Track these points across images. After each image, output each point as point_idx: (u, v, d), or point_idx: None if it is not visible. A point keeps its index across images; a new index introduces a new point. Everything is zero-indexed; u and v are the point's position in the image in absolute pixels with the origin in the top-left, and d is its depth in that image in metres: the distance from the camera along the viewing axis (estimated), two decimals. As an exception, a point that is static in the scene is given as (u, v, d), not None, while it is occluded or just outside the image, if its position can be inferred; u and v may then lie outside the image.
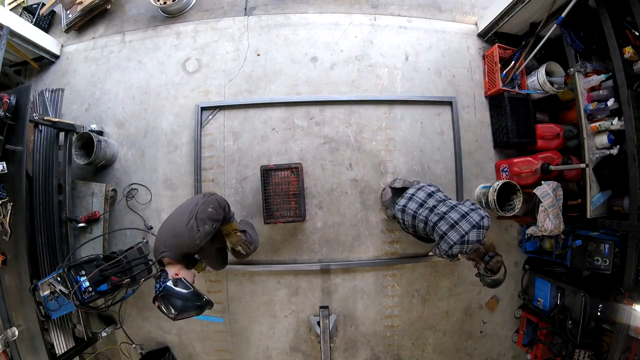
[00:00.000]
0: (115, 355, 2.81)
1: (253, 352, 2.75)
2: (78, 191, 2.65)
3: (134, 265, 2.38)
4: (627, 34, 2.19)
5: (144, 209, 2.71)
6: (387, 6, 2.94)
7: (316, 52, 2.78)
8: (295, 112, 2.71)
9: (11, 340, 2.10)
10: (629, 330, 2.12)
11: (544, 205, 2.37)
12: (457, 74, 2.84)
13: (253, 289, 2.68)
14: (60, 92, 2.85)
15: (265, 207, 2.41)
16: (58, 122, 2.53)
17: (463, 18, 3.00)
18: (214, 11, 2.94)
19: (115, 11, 3.07)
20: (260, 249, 2.65)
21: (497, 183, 2.47)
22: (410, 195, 2.19)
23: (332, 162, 2.68)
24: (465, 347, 2.86)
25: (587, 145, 2.37)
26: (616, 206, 2.34)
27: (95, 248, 2.56)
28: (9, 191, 2.22)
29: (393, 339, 2.76)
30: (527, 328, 2.77)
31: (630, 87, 2.11)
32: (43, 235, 2.42)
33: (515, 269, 2.83)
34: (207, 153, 2.69)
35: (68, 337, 2.43)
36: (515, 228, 2.83)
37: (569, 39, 2.37)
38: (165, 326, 2.74)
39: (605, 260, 2.27)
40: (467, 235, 1.85)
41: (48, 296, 2.02)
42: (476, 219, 1.89)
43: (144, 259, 2.52)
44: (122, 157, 2.78)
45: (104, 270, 2.16)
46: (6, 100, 2.15)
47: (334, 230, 2.66)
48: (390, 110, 2.74)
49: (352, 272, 2.68)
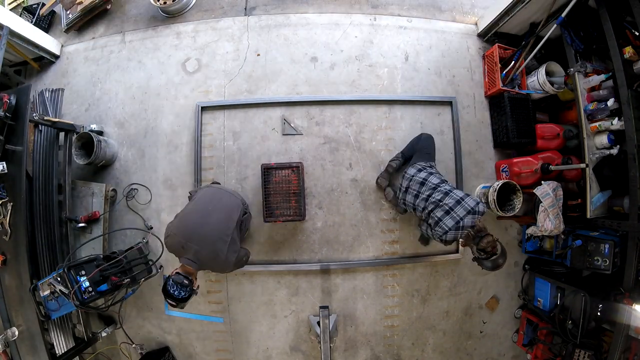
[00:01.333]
0: (115, 355, 2.81)
1: (253, 352, 2.75)
2: (78, 191, 2.65)
3: (134, 265, 2.38)
4: (627, 34, 2.18)
5: (144, 209, 2.71)
6: (387, 6, 2.94)
7: (316, 52, 2.78)
8: (295, 112, 2.71)
9: (11, 340, 2.10)
10: (629, 330, 2.12)
11: (544, 205, 2.37)
12: (457, 74, 2.84)
13: (253, 289, 2.68)
14: (60, 92, 2.85)
15: (265, 206, 2.41)
16: (58, 122, 2.53)
17: (463, 18, 3.00)
18: (214, 11, 2.94)
19: (115, 11, 3.07)
20: (260, 249, 2.66)
21: (497, 183, 2.47)
22: (407, 184, 2.19)
23: (332, 162, 2.68)
24: (465, 347, 2.86)
25: (587, 145, 2.37)
26: (616, 206, 2.34)
27: (95, 248, 2.56)
28: (9, 191, 2.22)
29: (393, 339, 2.76)
30: (527, 328, 2.77)
31: (630, 87, 2.11)
32: (43, 235, 2.42)
33: (515, 269, 2.83)
34: (207, 153, 2.69)
35: (68, 337, 2.43)
36: (515, 228, 2.83)
37: (569, 39, 2.37)
38: (165, 326, 2.74)
39: (605, 260, 2.27)
40: (462, 221, 1.85)
41: (48, 296, 2.02)
42: (471, 205, 1.89)
43: (144, 259, 2.52)
44: (122, 157, 2.78)
45: (104, 270, 2.16)
46: (6, 100, 2.15)
47: (334, 230, 2.66)
48: (390, 110, 2.74)
49: (352, 272, 2.68)
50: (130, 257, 2.44)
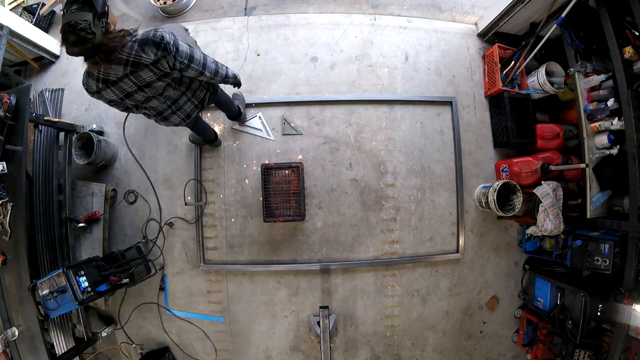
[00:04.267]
0: (115, 355, 2.81)
1: (253, 352, 2.75)
2: (78, 191, 2.65)
3: (133, 266, 2.39)
4: (627, 34, 2.18)
5: (143, 209, 2.71)
6: (387, 6, 2.94)
7: (316, 52, 2.78)
8: (295, 112, 2.71)
9: (11, 340, 2.10)
10: (629, 330, 2.11)
11: (544, 205, 2.37)
12: (457, 74, 2.84)
13: (253, 289, 2.68)
14: (60, 92, 2.85)
15: (265, 206, 2.41)
16: (58, 122, 2.53)
17: (463, 18, 3.00)
18: (214, 11, 2.94)
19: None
20: (260, 249, 2.65)
21: (497, 183, 2.47)
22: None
23: (332, 162, 2.68)
24: (465, 347, 2.86)
25: (587, 145, 2.37)
26: (616, 206, 2.34)
27: (95, 248, 2.56)
28: (9, 191, 2.22)
29: (393, 339, 2.76)
30: (527, 328, 2.77)
31: (630, 87, 2.11)
32: (43, 235, 2.42)
33: (515, 269, 2.84)
34: (207, 153, 2.69)
35: (68, 337, 2.42)
36: (515, 228, 2.83)
37: (569, 39, 2.37)
38: (165, 326, 2.74)
39: (605, 260, 2.27)
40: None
41: (47, 295, 2.02)
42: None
43: (143, 259, 2.52)
44: (122, 157, 2.78)
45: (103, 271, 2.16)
46: (6, 100, 2.15)
47: (334, 230, 2.66)
48: (390, 110, 2.75)
49: (352, 272, 2.68)
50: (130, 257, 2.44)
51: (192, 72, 1.62)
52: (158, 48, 1.41)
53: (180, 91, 1.73)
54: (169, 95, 1.70)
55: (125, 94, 1.53)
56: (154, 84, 1.55)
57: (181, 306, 2.71)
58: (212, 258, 2.67)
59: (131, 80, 1.47)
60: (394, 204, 2.69)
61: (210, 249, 2.67)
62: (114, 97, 1.53)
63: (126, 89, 1.51)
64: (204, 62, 1.63)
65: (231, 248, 2.66)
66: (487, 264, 2.79)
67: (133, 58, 1.39)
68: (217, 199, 2.68)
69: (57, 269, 2.04)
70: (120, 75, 1.43)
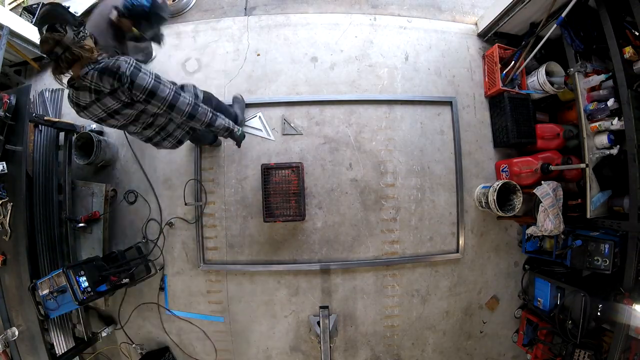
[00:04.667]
0: (115, 355, 2.81)
1: (253, 352, 2.75)
2: (78, 191, 2.64)
3: (133, 266, 2.38)
4: (627, 34, 2.18)
5: (143, 209, 2.71)
6: (387, 6, 2.95)
7: (316, 52, 2.78)
8: (295, 112, 2.71)
9: (11, 340, 2.10)
10: (629, 330, 2.11)
11: (544, 205, 2.37)
12: (457, 74, 2.84)
13: (253, 289, 2.68)
14: (61, 92, 2.85)
15: (265, 206, 2.41)
16: (58, 122, 2.53)
17: (463, 18, 3.00)
18: (214, 11, 2.94)
19: (115, 11, 3.07)
20: (260, 249, 2.65)
21: (497, 183, 2.47)
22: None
23: (332, 162, 2.68)
24: (465, 347, 2.86)
25: (587, 145, 2.37)
26: (616, 206, 2.34)
27: (95, 248, 2.56)
28: (9, 191, 2.22)
29: (393, 339, 2.76)
30: (527, 328, 2.77)
31: (630, 87, 2.11)
32: (43, 235, 2.42)
33: (515, 269, 2.83)
34: (207, 153, 2.69)
35: (68, 337, 2.42)
36: (515, 228, 2.83)
37: (569, 39, 2.37)
38: (165, 326, 2.74)
39: (605, 260, 2.27)
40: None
41: (47, 295, 2.02)
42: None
43: (143, 259, 2.52)
44: (122, 157, 2.78)
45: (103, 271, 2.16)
46: (6, 100, 2.15)
47: (334, 230, 2.66)
48: (390, 110, 2.75)
49: (352, 272, 2.68)
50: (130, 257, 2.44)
51: (154, 109, 1.52)
52: (114, 78, 1.38)
53: (165, 118, 1.66)
54: (153, 122, 1.66)
55: (98, 119, 1.54)
56: (123, 112, 1.50)
57: (181, 306, 2.71)
58: (212, 258, 2.67)
59: (99, 107, 1.47)
60: (394, 204, 2.69)
61: (210, 249, 2.67)
62: (93, 119, 1.55)
63: (97, 114, 1.51)
64: (171, 101, 1.50)
65: (231, 248, 2.66)
66: (487, 264, 2.79)
67: (94, 86, 1.40)
68: (217, 199, 2.68)
69: (57, 269, 2.04)
70: (88, 101, 1.45)
